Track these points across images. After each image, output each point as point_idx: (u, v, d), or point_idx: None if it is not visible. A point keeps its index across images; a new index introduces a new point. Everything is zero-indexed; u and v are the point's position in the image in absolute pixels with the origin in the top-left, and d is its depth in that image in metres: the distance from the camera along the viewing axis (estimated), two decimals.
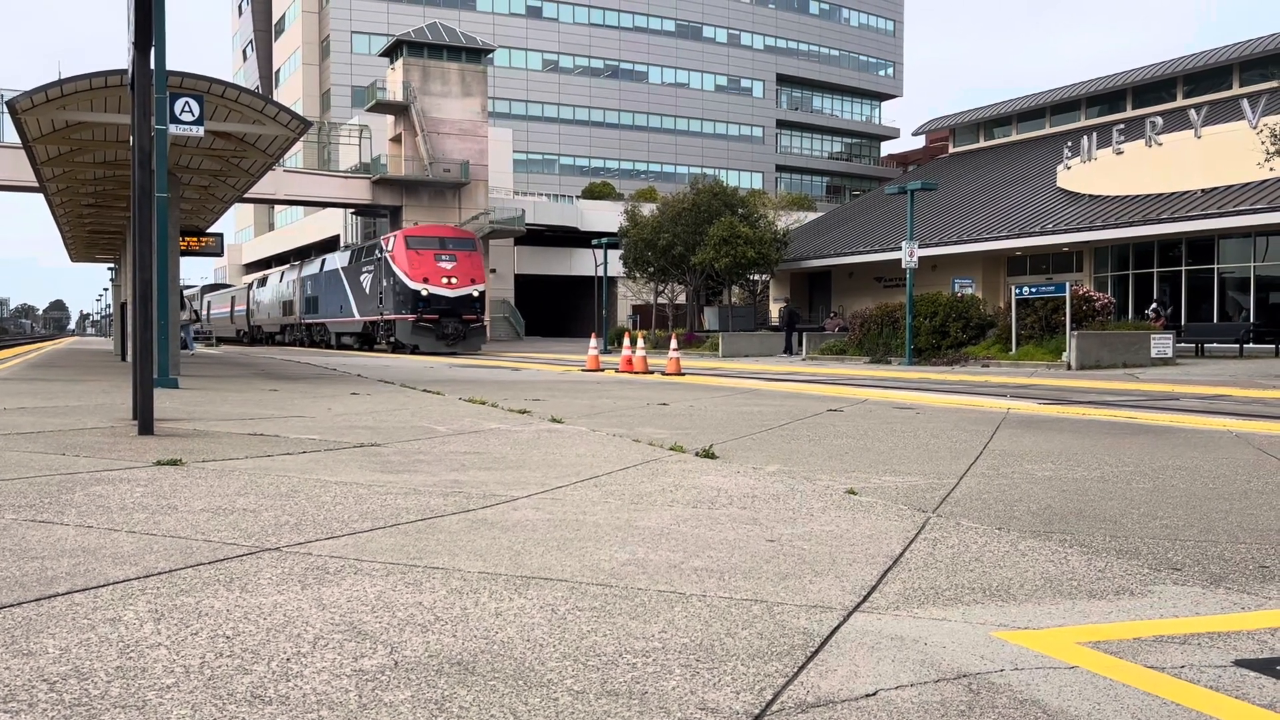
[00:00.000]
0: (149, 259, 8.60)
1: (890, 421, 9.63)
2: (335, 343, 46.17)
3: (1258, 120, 29.04)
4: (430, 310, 36.44)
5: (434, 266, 37.00)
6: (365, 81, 69.67)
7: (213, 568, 3.63)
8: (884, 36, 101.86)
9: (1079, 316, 24.23)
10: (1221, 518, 4.84)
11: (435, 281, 36.79)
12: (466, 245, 39.18)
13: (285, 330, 55.11)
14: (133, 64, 9.34)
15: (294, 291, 52.51)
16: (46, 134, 17.85)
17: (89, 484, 5.45)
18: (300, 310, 51.13)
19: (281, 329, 55.86)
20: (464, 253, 38.34)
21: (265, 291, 59.84)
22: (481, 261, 39.34)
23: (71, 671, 2.52)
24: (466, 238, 40.37)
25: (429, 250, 37.42)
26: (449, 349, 36.19)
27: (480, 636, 2.86)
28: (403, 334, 36.81)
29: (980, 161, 50.61)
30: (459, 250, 38.29)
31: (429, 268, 36.95)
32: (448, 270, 37.20)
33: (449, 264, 37.40)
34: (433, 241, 38.20)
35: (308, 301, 49.92)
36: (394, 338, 37.72)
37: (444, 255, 37.52)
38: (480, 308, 38.27)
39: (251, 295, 63.60)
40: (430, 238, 38.65)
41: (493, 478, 5.85)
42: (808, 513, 4.87)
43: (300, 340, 51.94)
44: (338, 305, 45.13)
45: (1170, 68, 43.87)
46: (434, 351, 35.28)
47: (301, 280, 51.10)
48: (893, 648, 2.82)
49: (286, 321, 54.35)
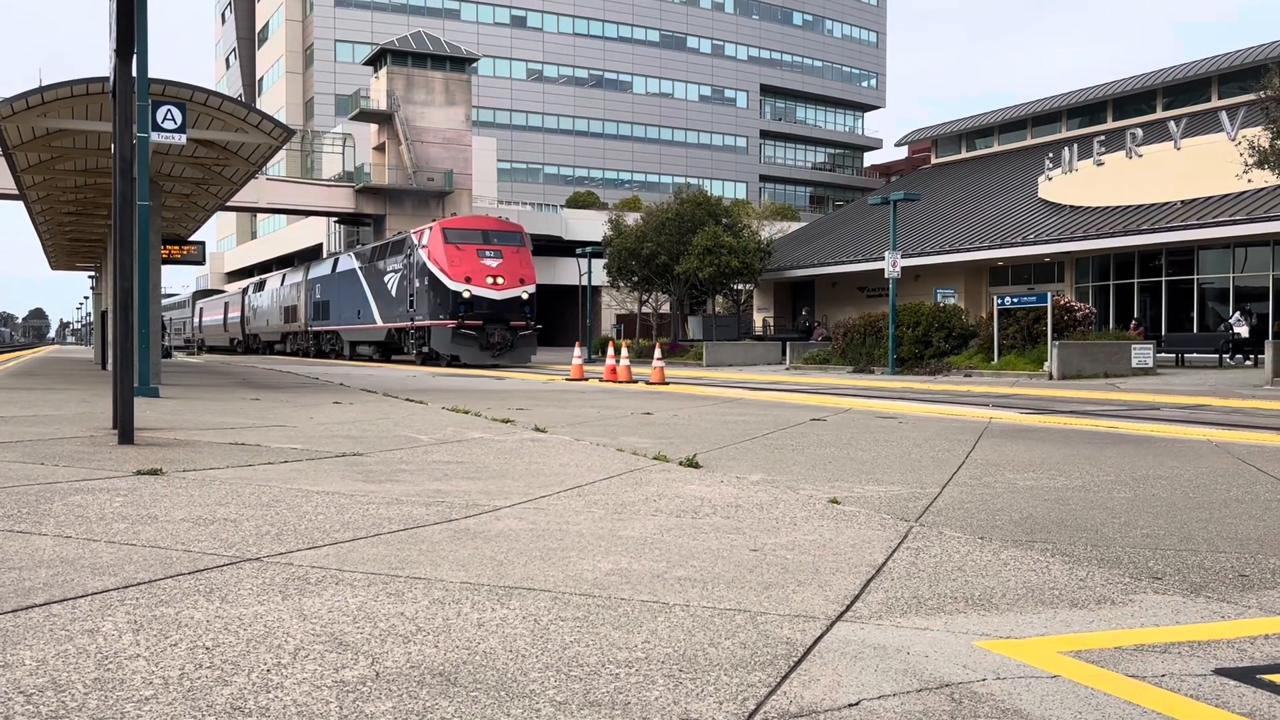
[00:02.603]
0: (130, 267, 8.54)
1: (873, 431, 9.65)
2: (349, 352, 41.97)
3: (1236, 132, 29.30)
4: (473, 315, 31.39)
5: (477, 264, 31.87)
6: (349, 90, 69.62)
7: (193, 578, 3.60)
8: (867, 48, 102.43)
9: (1060, 327, 24.37)
10: (1201, 527, 4.87)
11: (479, 281, 31.70)
12: (514, 239, 33.79)
13: (287, 339, 50.99)
14: (114, 71, 9.30)
15: (299, 295, 48.15)
16: (27, 141, 17.75)
17: (68, 494, 5.40)
18: (307, 316, 46.84)
19: (283, 337, 51.71)
20: (511, 248, 33.10)
21: (263, 296, 55.70)
22: (530, 258, 34.01)
23: (48, 683, 2.49)
24: (513, 230, 34.71)
25: (471, 245, 32.33)
26: (494, 360, 31.39)
27: (462, 647, 2.85)
28: (440, 343, 32.05)
29: (962, 172, 50.90)
30: (505, 245, 33.06)
31: (471, 265, 31.81)
32: (493, 269, 32.02)
33: (494, 261, 32.22)
34: (475, 235, 33.05)
35: (316, 306, 45.42)
36: (428, 347, 33.05)
37: (488, 251, 32.40)
38: (531, 312, 32.90)
39: (247, 301, 59.57)
40: (472, 230, 33.47)
41: (476, 487, 5.83)
42: (791, 522, 4.87)
43: (304, 350, 47.85)
44: (354, 310, 40.40)
45: (1150, 80, 44.25)
46: (478, 365, 30.92)
47: (308, 283, 46.76)
48: (876, 657, 2.82)
49: (289, 329, 50.04)
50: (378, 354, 39.22)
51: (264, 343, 55.88)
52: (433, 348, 32.57)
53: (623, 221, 46.53)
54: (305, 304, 47.01)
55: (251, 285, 61.06)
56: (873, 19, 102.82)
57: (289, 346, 50.73)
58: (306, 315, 46.87)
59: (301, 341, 48.27)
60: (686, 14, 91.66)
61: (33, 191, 23.26)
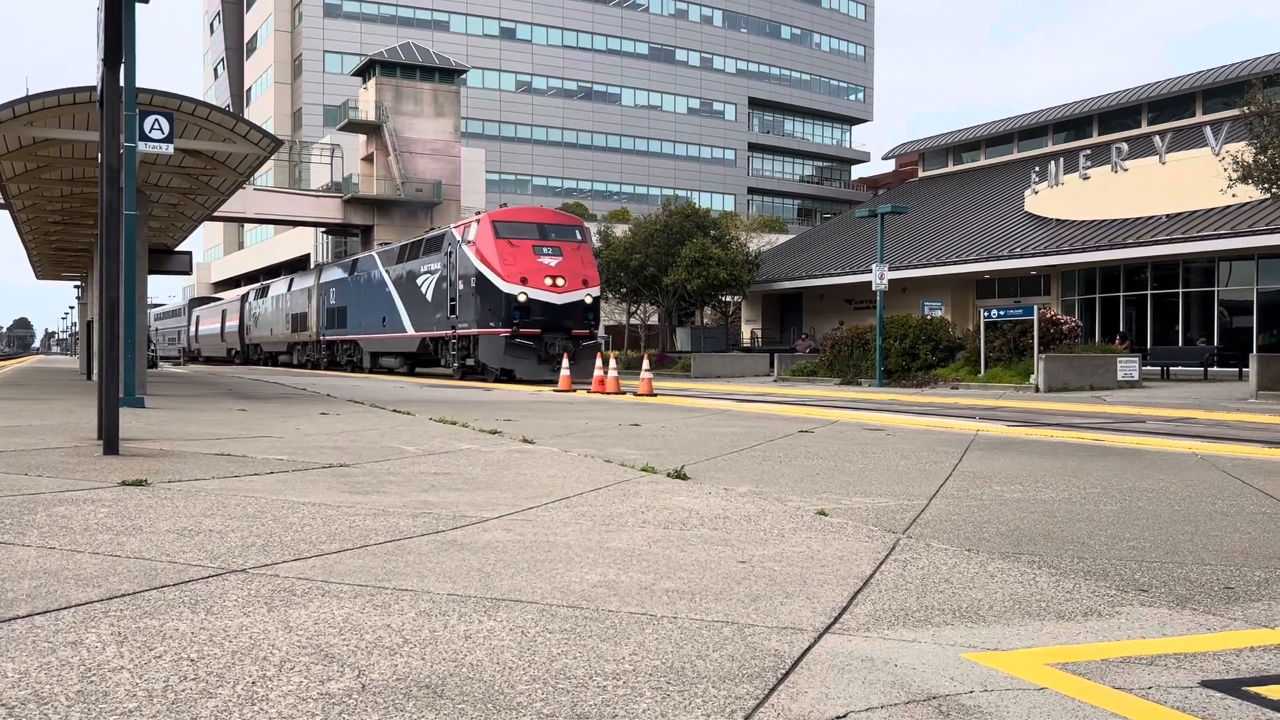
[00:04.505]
0: (116, 277, 8.51)
1: (861, 443, 9.67)
2: (369, 364, 37.83)
3: (1220, 147, 29.52)
4: (529, 323, 26.73)
5: (533, 263, 27.18)
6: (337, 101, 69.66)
7: (178, 590, 3.58)
8: (854, 62, 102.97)
9: (1047, 339, 24.48)
10: (1187, 539, 4.88)
11: (536, 283, 26.94)
12: (574, 234, 28.94)
13: (295, 349, 47.04)
14: (102, 81, 9.27)
15: (309, 301, 44.16)
16: (13, 150, 17.67)
17: (51, 504, 5.36)
18: (319, 324, 42.83)
19: (289, 348, 47.73)
20: (571, 244, 28.25)
21: (266, 303, 51.64)
22: (592, 255, 29.41)
23: (31, 696, 2.47)
24: (573, 223, 29.83)
25: (525, 240, 27.58)
26: (553, 374, 25.61)
27: (449, 659, 2.84)
28: (489, 354, 27.46)
29: (949, 185, 51.14)
30: (564, 241, 28.25)
31: (527, 264, 27.13)
32: (552, 268, 27.30)
33: (553, 259, 27.48)
34: (530, 229, 28.16)
35: (330, 313, 41.40)
36: (473, 359, 28.58)
37: (545, 247, 27.63)
38: (595, 319, 28.24)
39: (247, 308, 55.62)
40: (526, 224, 28.47)
41: (463, 499, 5.81)
42: (779, 534, 4.87)
43: (315, 362, 43.70)
44: (377, 317, 35.97)
45: (1135, 95, 44.58)
46: (534, 380, 26.49)
47: (321, 287, 42.79)
48: (863, 669, 2.82)
49: (297, 338, 46.14)
50: (404, 366, 35.54)
51: (267, 354, 52.25)
52: (479, 360, 28.20)
53: (611, 233, 46.62)
54: (317, 311, 43.22)
55: (252, 291, 57.09)
56: (860, 33, 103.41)
57: (296, 358, 46.93)
58: (318, 323, 43.07)
59: (312, 352, 44.36)
60: (675, 27, 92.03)
61: (18, 201, 23.15)
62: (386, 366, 36.56)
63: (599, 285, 28.51)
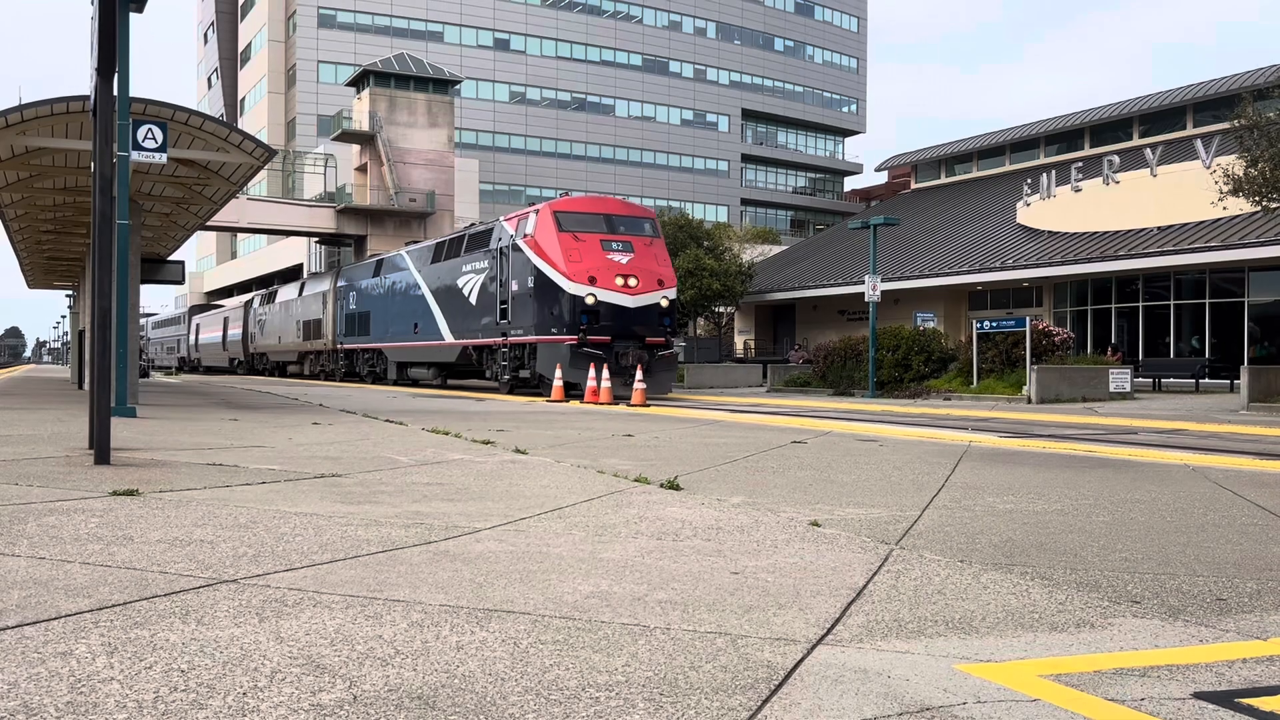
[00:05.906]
0: (109, 286, 8.49)
1: (854, 454, 9.67)
2: (396, 375, 33.83)
3: (1211, 160, 29.66)
4: (598, 329, 23.13)
5: (602, 260, 23.56)
6: (331, 111, 69.57)
7: (168, 600, 3.56)
8: (847, 74, 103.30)
9: (1039, 351, 24.54)
10: (1179, 551, 4.89)
11: (606, 283, 23.32)
12: (645, 227, 25.19)
13: (306, 359, 43.24)
14: (95, 90, 9.27)
15: (323, 307, 40.54)
16: (5, 159, 17.65)
17: (42, 514, 5.34)
18: (336, 331, 39.21)
19: (300, 357, 43.95)
20: (642, 239, 24.60)
21: (273, 309, 47.80)
22: (666, 252, 25.69)
23: (20, 707, 2.46)
24: (644, 215, 25.96)
25: (593, 234, 23.96)
26: (626, 388, 21.83)
27: (441, 670, 2.83)
28: (549, 363, 23.53)
29: (942, 197, 51.30)
30: (635, 235, 24.53)
31: (595, 261, 23.49)
32: (623, 266, 23.63)
33: (623, 256, 23.80)
34: (597, 221, 24.46)
35: (349, 319, 37.80)
36: (530, 369, 24.88)
37: (615, 243, 23.98)
38: (672, 325, 24.57)
39: (252, 315, 51.91)
40: (593, 215, 24.70)
41: (455, 509, 5.80)
42: (772, 545, 4.87)
43: (330, 372, 40.22)
44: (407, 323, 32.31)
45: (1127, 108, 44.80)
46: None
47: (338, 291, 39.24)
48: (856, 681, 2.82)
49: (309, 347, 42.40)
50: (437, 378, 32.17)
51: (274, 363, 48.52)
52: (536, 371, 24.54)
53: None
54: (334, 317, 39.59)
55: (258, 297, 53.15)
56: (853, 45, 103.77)
57: (308, 368, 43.04)
58: (335, 330, 39.44)
59: (327, 362, 40.67)
60: (669, 38, 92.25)
61: (11, 210, 23.11)
62: (418, 379, 33.05)
63: (675, 286, 24.91)
